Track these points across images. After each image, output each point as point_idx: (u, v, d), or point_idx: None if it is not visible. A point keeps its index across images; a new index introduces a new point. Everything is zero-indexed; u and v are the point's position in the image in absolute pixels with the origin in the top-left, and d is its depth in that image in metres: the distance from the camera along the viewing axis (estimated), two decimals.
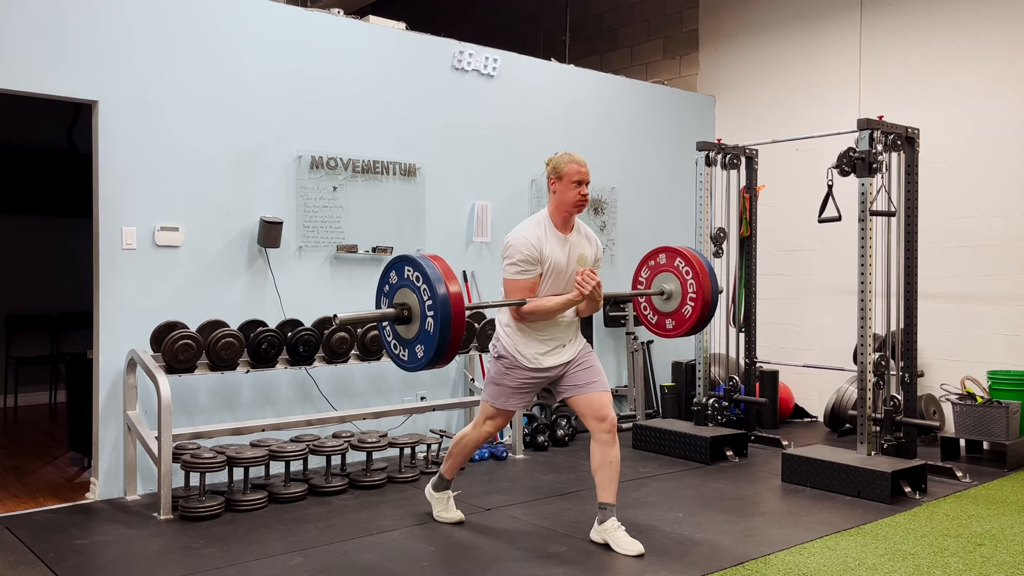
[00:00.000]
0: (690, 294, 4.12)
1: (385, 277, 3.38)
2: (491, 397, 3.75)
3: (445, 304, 3.09)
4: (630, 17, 8.23)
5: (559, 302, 3.53)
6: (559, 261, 3.57)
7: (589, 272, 3.49)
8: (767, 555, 3.58)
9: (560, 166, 3.60)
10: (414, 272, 3.22)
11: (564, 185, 3.57)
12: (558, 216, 3.61)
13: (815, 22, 6.83)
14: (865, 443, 4.72)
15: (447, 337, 3.10)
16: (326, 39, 5.22)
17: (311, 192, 5.13)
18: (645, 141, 7.00)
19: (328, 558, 3.53)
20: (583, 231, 3.71)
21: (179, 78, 4.65)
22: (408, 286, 3.25)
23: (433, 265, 3.17)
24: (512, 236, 3.57)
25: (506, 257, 3.56)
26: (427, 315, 3.15)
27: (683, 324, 4.17)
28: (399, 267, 3.30)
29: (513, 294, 3.54)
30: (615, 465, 3.62)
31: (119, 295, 4.47)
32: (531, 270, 3.52)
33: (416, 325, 3.22)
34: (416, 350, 3.24)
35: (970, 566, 3.45)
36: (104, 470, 4.45)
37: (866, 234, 4.68)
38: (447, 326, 3.09)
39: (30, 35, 4.20)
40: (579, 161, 3.60)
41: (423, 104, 5.64)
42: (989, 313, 5.88)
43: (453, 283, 3.14)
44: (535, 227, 3.58)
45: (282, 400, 5.03)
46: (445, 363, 3.23)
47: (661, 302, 4.26)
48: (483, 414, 3.82)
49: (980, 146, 5.94)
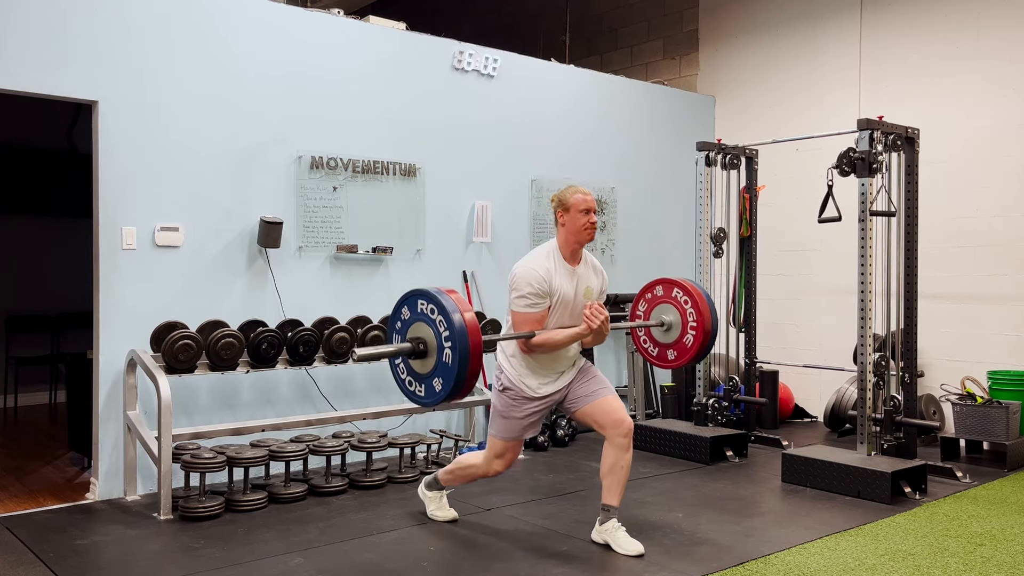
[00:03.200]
0: (690, 323, 4.14)
1: (397, 313, 3.32)
2: (501, 432, 3.68)
3: (463, 334, 3.05)
4: (630, 17, 8.23)
5: (567, 335, 3.51)
6: (567, 294, 3.56)
7: (597, 307, 3.48)
8: (767, 555, 3.58)
9: (566, 198, 3.60)
10: (428, 305, 3.17)
11: (572, 216, 3.56)
12: (567, 248, 3.60)
13: (815, 22, 6.83)
14: (865, 443, 4.72)
15: (466, 368, 3.07)
16: (326, 39, 5.22)
17: (311, 192, 5.13)
18: (645, 141, 7.00)
19: (328, 558, 3.53)
20: (590, 262, 3.70)
21: (179, 78, 4.65)
22: (422, 319, 3.20)
23: (448, 297, 3.14)
24: (521, 268, 3.53)
25: (514, 289, 3.52)
26: (444, 347, 3.11)
27: (685, 354, 4.20)
28: (411, 302, 3.26)
29: (521, 326, 3.51)
30: (626, 470, 3.62)
31: (119, 295, 4.47)
32: (540, 303, 3.50)
33: (432, 359, 3.17)
34: (434, 384, 3.20)
35: (970, 566, 3.45)
36: (104, 470, 4.45)
37: (866, 234, 4.68)
38: (465, 357, 3.05)
39: (30, 35, 4.20)
40: (583, 191, 3.60)
41: (423, 104, 5.64)
42: (989, 313, 5.88)
43: (469, 313, 3.11)
44: (544, 259, 3.56)
45: (282, 400, 5.03)
46: (463, 396, 3.19)
47: (661, 333, 4.28)
48: (492, 451, 3.73)
49: (980, 146, 5.94)
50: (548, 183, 6.31)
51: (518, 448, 3.75)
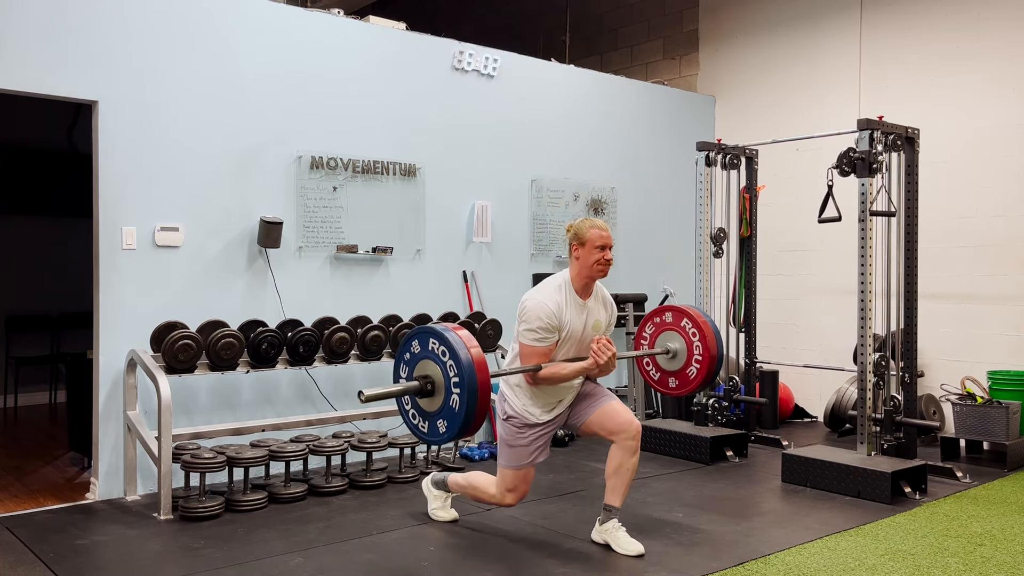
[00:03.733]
0: (696, 356, 4.17)
1: (407, 346, 3.29)
2: (511, 461, 3.63)
3: (472, 381, 3.03)
4: (630, 17, 8.23)
5: (574, 369, 3.50)
6: (576, 328, 3.55)
7: (605, 342, 3.47)
8: (767, 555, 3.58)
9: (582, 232, 3.56)
10: (440, 346, 3.14)
11: (587, 250, 3.54)
12: (579, 281, 3.58)
13: (815, 22, 6.83)
14: (865, 443, 4.72)
15: (472, 416, 3.06)
16: (326, 39, 5.22)
17: (311, 192, 5.13)
18: (645, 141, 7.00)
19: (328, 558, 3.53)
20: (600, 295, 3.69)
21: (179, 78, 4.65)
22: (431, 358, 3.17)
23: (460, 340, 3.10)
24: (532, 302, 3.50)
25: (524, 321, 3.50)
26: (452, 392, 3.09)
27: (687, 384, 4.24)
28: (423, 338, 3.21)
29: (529, 359, 3.49)
30: (632, 473, 3.61)
31: (119, 295, 4.47)
32: (549, 338, 3.49)
33: (439, 399, 3.15)
34: (438, 424, 3.18)
35: (970, 566, 3.45)
36: (104, 470, 4.45)
37: (866, 234, 4.68)
38: (473, 407, 3.04)
39: (30, 35, 4.20)
40: (600, 226, 3.58)
41: (423, 104, 5.64)
42: (989, 313, 5.88)
43: (480, 359, 3.08)
44: (555, 293, 3.53)
45: (282, 400, 5.03)
46: (469, 435, 3.18)
47: (665, 360, 4.30)
48: (504, 484, 3.66)
49: (980, 146, 5.94)
50: (548, 183, 6.31)
51: (529, 478, 3.68)
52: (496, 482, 3.71)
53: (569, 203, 6.45)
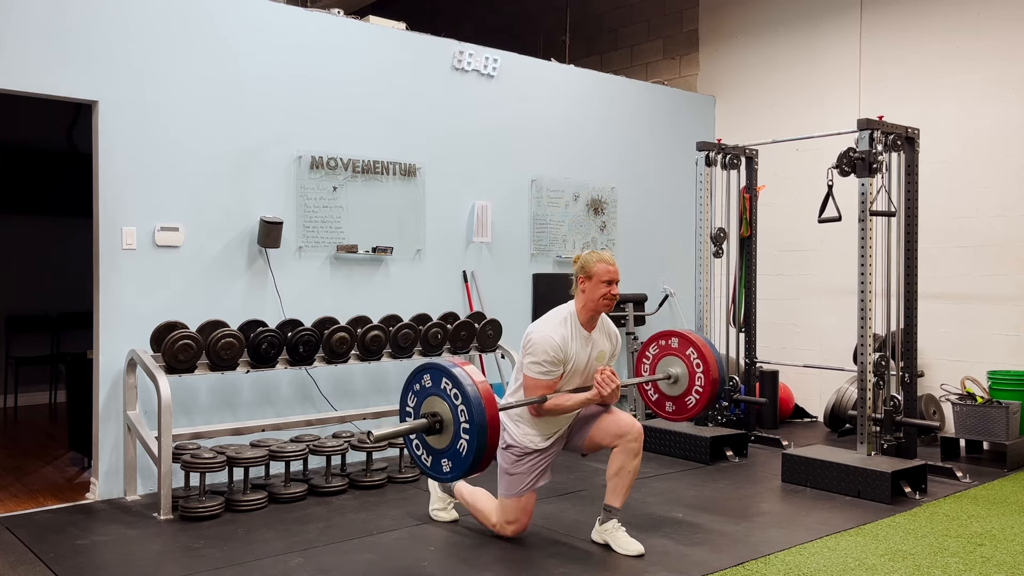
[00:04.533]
0: (696, 386, 4.21)
1: (418, 377, 3.29)
2: (511, 489, 3.63)
3: (483, 432, 3.04)
4: (630, 17, 8.23)
5: (577, 401, 3.52)
6: (581, 361, 3.57)
7: (609, 374, 3.50)
8: (767, 555, 3.58)
9: (589, 265, 3.57)
10: (452, 388, 3.14)
11: (593, 284, 3.55)
12: (585, 314, 3.59)
13: (815, 22, 6.83)
14: (865, 443, 4.72)
15: (479, 462, 3.09)
16: (326, 39, 5.22)
17: (311, 192, 5.13)
18: (645, 141, 7.00)
19: (328, 558, 3.53)
20: (604, 327, 3.70)
21: (179, 78, 4.65)
22: (443, 397, 3.17)
23: (476, 390, 3.09)
24: (537, 334, 3.50)
25: (529, 354, 3.50)
26: (461, 437, 3.10)
27: (684, 412, 4.32)
28: (436, 375, 3.21)
29: (534, 391, 3.50)
30: (633, 475, 3.62)
31: (119, 295, 4.47)
32: (554, 371, 3.50)
33: (447, 439, 3.16)
34: (442, 463, 3.19)
35: (970, 566, 3.45)
36: (104, 470, 4.45)
37: (866, 234, 4.68)
38: (481, 454, 3.06)
39: (30, 35, 4.20)
40: (608, 260, 3.58)
41: (423, 104, 5.64)
42: (989, 313, 5.88)
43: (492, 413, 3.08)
44: (561, 327, 3.54)
45: (282, 400, 5.03)
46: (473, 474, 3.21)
47: (666, 385, 4.34)
48: (504, 516, 3.68)
49: (980, 146, 5.94)
50: (548, 183, 6.31)
51: (529, 508, 3.68)
52: (497, 511, 3.73)
53: (569, 203, 6.45)
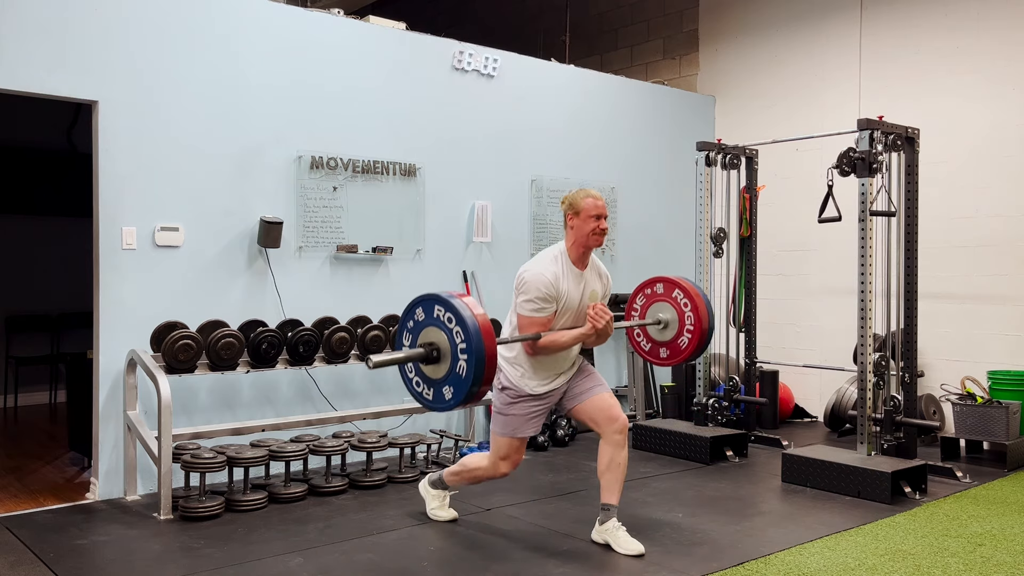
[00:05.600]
0: (687, 326, 4.17)
1: (410, 313, 3.30)
2: (502, 428, 3.67)
3: (480, 347, 3.04)
4: (630, 17, 8.23)
5: (572, 336, 3.52)
6: (573, 298, 3.57)
7: (601, 307, 3.49)
8: (767, 555, 3.58)
9: (576, 201, 3.59)
10: (446, 313, 3.14)
11: (582, 220, 3.56)
12: (575, 251, 3.60)
13: (815, 22, 6.83)
14: (865, 443, 4.72)
15: (480, 382, 3.07)
16: (326, 39, 5.22)
17: (311, 192, 5.13)
18: (645, 141, 7.00)
19: (328, 558, 3.53)
20: (595, 266, 3.71)
21: (179, 78, 4.65)
22: (437, 325, 3.18)
23: (467, 308, 3.11)
24: (529, 273, 3.52)
25: (521, 292, 3.52)
26: (459, 359, 3.10)
27: (678, 354, 4.24)
28: (427, 305, 3.23)
29: (527, 329, 3.51)
30: (623, 468, 3.63)
31: (119, 295, 4.47)
32: (547, 308, 3.50)
33: (445, 366, 3.16)
34: (443, 392, 3.19)
35: (970, 566, 3.45)
36: (104, 470, 4.45)
37: (866, 234, 4.68)
38: (480, 370, 3.05)
39: (30, 35, 4.20)
40: (595, 195, 3.60)
41: (423, 104, 5.64)
42: (989, 313, 5.88)
43: (486, 325, 3.08)
44: (552, 264, 3.55)
45: (282, 400, 5.03)
46: (473, 403, 3.19)
47: (656, 331, 4.30)
48: (497, 452, 3.71)
49: (980, 146, 5.94)
50: (548, 183, 6.31)
51: (522, 448, 3.74)
52: (489, 453, 3.76)
53: None
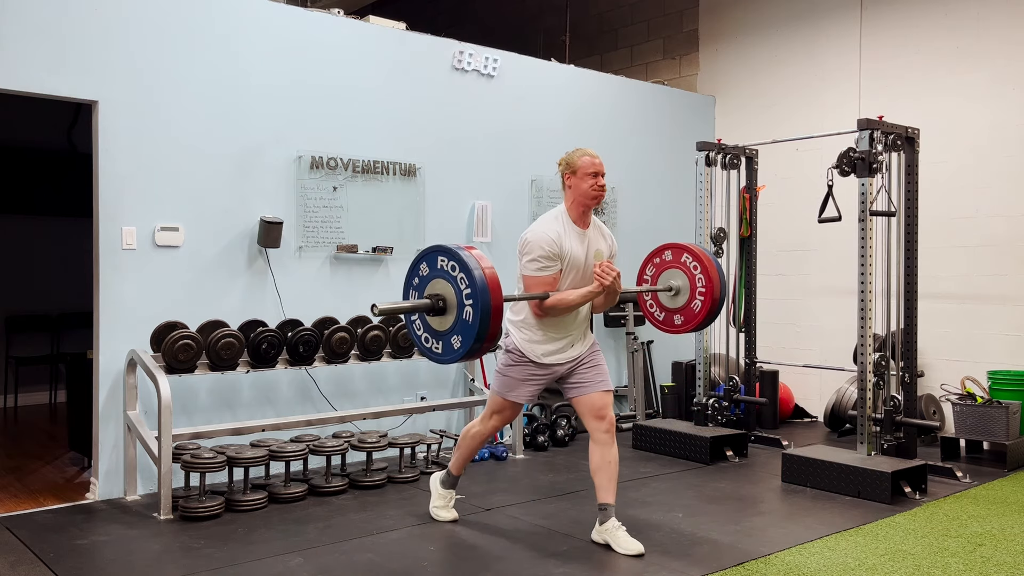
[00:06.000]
0: (699, 288, 4.13)
1: (415, 269, 3.32)
2: (500, 387, 3.73)
3: (484, 291, 3.04)
4: (630, 17, 8.23)
5: (580, 295, 3.51)
6: (578, 256, 3.57)
7: (608, 264, 3.48)
8: (767, 555, 3.58)
9: (573, 160, 3.64)
10: (449, 262, 3.16)
11: (579, 179, 3.61)
12: (575, 210, 3.62)
13: (815, 22, 6.83)
14: (865, 443, 4.72)
15: (487, 325, 3.05)
16: (326, 39, 5.22)
17: (311, 192, 5.13)
18: (645, 141, 7.00)
19: (328, 558, 3.53)
20: (598, 226, 3.73)
21: (179, 78, 4.65)
22: (442, 276, 3.19)
23: (469, 254, 3.14)
24: (530, 233, 3.56)
25: (525, 254, 3.54)
26: (465, 304, 3.10)
27: (692, 319, 4.18)
28: (431, 258, 3.26)
29: (534, 290, 3.52)
30: (614, 465, 3.63)
31: (119, 295, 4.47)
32: (551, 266, 3.52)
33: (452, 316, 3.16)
34: (452, 341, 3.18)
35: (970, 566, 3.45)
36: (104, 470, 4.45)
37: (866, 234, 4.68)
38: (487, 314, 3.04)
39: (30, 35, 4.20)
40: (591, 153, 3.64)
41: (423, 104, 5.64)
42: (989, 313, 5.88)
43: (490, 270, 3.10)
44: (553, 223, 3.58)
45: (282, 400, 5.03)
46: (481, 354, 3.16)
47: (668, 298, 4.26)
48: (491, 407, 3.81)
49: (980, 146, 5.94)
50: (548, 183, 6.31)
51: (515, 410, 3.77)
52: (482, 414, 3.83)
53: None
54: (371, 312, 3.10)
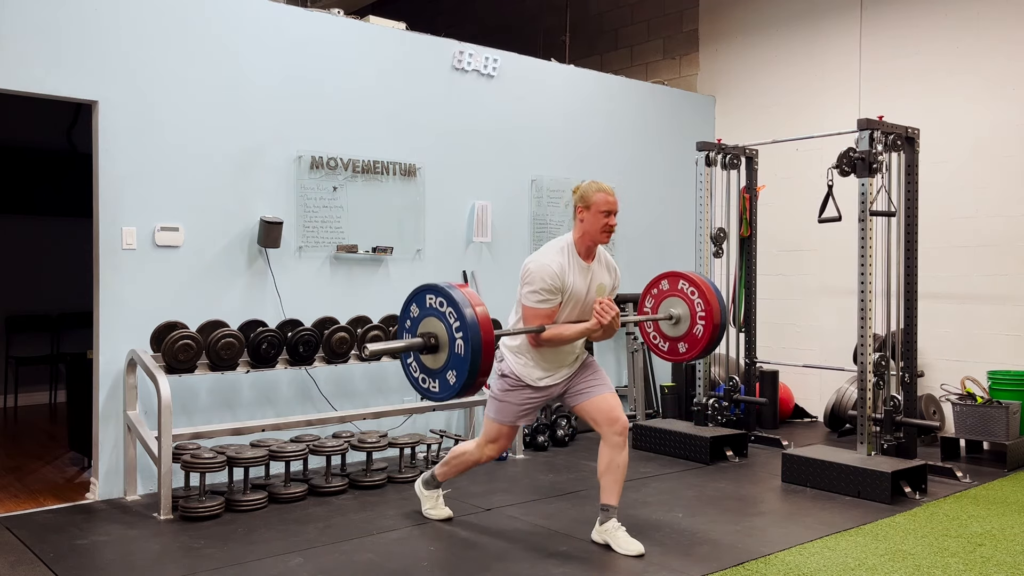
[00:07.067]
0: (699, 314, 4.12)
1: (406, 311, 3.31)
2: (495, 413, 3.69)
3: (475, 325, 3.04)
4: (630, 17, 8.23)
5: (577, 331, 3.49)
6: (579, 291, 3.54)
7: (608, 302, 3.45)
8: (767, 555, 3.58)
9: (588, 195, 3.54)
10: (437, 299, 3.16)
11: (592, 215, 3.52)
12: (582, 244, 3.56)
13: (815, 22, 6.83)
14: (865, 443, 4.72)
15: (479, 359, 3.05)
16: (326, 39, 5.22)
17: (311, 192, 5.13)
18: (645, 141, 7.00)
19: (328, 558, 3.53)
20: (603, 259, 3.68)
21: (179, 78, 4.65)
22: (432, 314, 3.19)
23: (457, 291, 3.13)
24: (535, 263, 3.49)
25: (527, 283, 3.49)
26: (456, 338, 3.10)
27: (696, 345, 4.16)
28: (419, 298, 3.25)
29: (532, 321, 3.48)
30: (623, 469, 3.62)
31: (119, 295, 4.47)
32: (552, 300, 3.48)
33: (444, 352, 3.16)
34: (447, 377, 3.18)
35: (970, 566, 3.45)
36: (104, 470, 4.45)
37: (866, 234, 4.68)
38: (478, 347, 3.04)
39: (30, 35, 4.20)
40: (607, 190, 3.55)
41: (423, 104, 5.64)
42: (989, 313, 5.88)
43: (480, 307, 3.09)
44: (558, 255, 3.51)
45: (282, 400, 5.03)
46: (477, 389, 3.16)
47: (670, 327, 4.25)
48: (486, 436, 3.73)
49: (980, 146, 5.94)
50: (548, 183, 6.31)
51: (512, 435, 3.74)
52: (477, 439, 3.77)
53: (569, 203, 6.42)
54: (362, 354, 3.11)
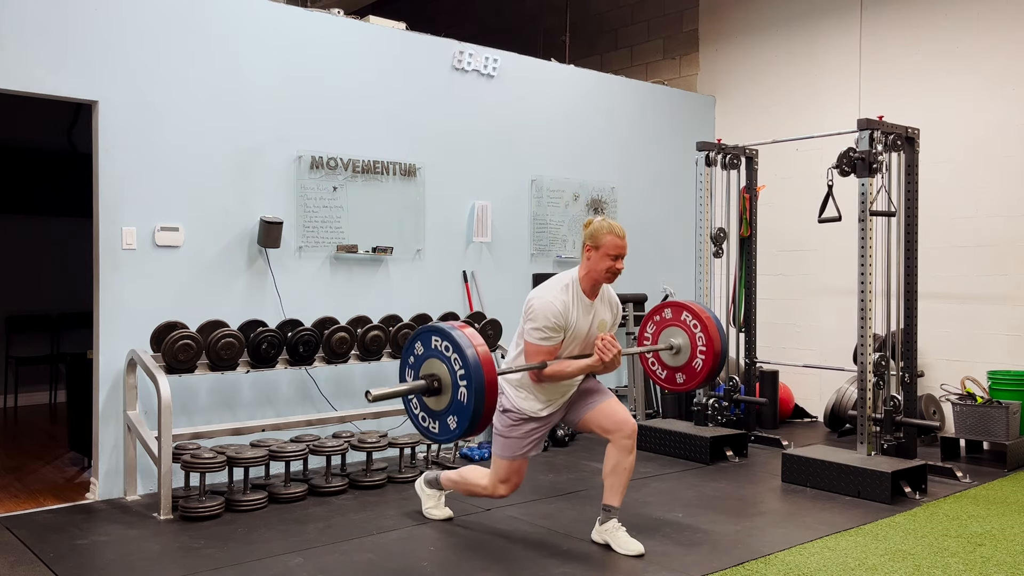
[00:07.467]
0: (700, 347, 4.12)
1: (410, 348, 3.28)
2: (502, 450, 3.64)
3: (479, 373, 3.02)
4: (630, 17, 8.23)
5: (578, 367, 3.48)
6: (582, 328, 3.54)
7: (610, 340, 3.45)
8: (767, 555, 3.58)
9: (598, 235, 3.51)
10: (443, 342, 3.13)
11: (599, 256, 3.50)
12: (587, 282, 3.55)
13: (815, 22, 6.83)
14: (865, 443, 4.72)
15: (481, 407, 3.03)
16: (326, 39, 5.22)
17: (311, 192, 5.13)
18: (645, 141, 7.00)
19: (328, 558, 3.53)
20: (606, 296, 3.67)
21: (179, 78, 4.65)
22: (436, 356, 3.16)
23: (463, 334, 3.10)
24: (539, 300, 3.47)
25: (530, 320, 3.47)
26: (459, 385, 3.08)
27: (694, 377, 4.17)
28: (425, 338, 3.22)
29: (534, 357, 3.47)
30: (629, 472, 3.61)
31: (119, 295, 4.47)
32: (555, 337, 3.46)
33: (447, 396, 3.14)
34: (448, 422, 3.16)
35: (970, 566, 3.45)
36: (104, 470, 4.45)
37: (866, 234, 4.68)
38: (481, 396, 3.02)
39: (30, 35, 4.20)
40: (618, 233, 3.51)
41: (423, 104, 5.64)
42: (989, 313, 5.88)
43: (483, 348, 3.07)
44: (562, 293, 3.50)
45: (282, 400, 5.03)
46: (478, 432, 3.14)
47: (670, 356, 4.25)
48: (497, 475, 3.66)
49: (980, 146, 5.94)
50: (548, 183, 6.31)
51: (522, 471, 3.69)
52: (490, 473, 3.72)
53: (569, 203, 6.45)
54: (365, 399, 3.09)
